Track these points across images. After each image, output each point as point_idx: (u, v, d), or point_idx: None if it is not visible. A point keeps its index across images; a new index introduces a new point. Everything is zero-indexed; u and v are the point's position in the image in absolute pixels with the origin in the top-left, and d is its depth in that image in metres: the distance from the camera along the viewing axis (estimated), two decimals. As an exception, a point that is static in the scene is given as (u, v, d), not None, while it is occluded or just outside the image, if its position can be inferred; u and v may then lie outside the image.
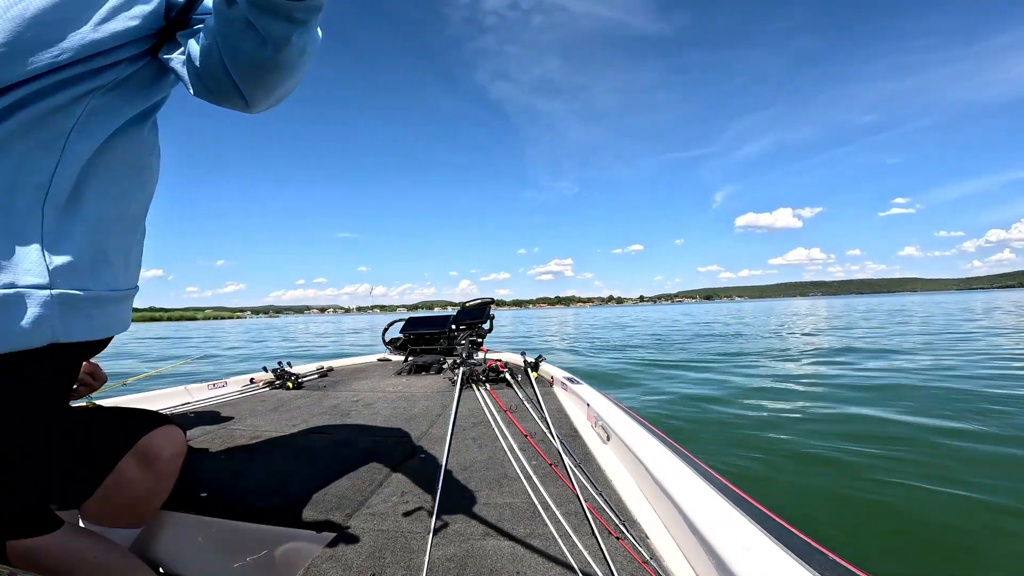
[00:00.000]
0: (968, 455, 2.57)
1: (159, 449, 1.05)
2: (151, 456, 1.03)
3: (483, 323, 4.55)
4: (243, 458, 1.53)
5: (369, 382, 3.03)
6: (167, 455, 1.06)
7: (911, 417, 3.33)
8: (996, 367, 5.30)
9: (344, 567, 0.91)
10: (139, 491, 1.03)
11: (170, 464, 1.07)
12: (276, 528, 1.10)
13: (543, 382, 2.68)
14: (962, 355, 6.37)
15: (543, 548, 0.95)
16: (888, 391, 4.23)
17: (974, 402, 3.67)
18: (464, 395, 2.40)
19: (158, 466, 1.04)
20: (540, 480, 1.27)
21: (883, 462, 2.52)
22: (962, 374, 4.91)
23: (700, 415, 3.77)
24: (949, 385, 4.33)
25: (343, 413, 2.16)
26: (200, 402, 2.45)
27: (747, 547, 0.74)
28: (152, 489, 1.05)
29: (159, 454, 1.04)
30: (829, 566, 0.69)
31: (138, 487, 1.02)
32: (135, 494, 1.02)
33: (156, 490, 1.07)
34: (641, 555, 0.90)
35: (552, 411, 1.99)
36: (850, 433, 3.05)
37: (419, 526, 1.06)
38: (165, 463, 1.05)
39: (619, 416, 1.59)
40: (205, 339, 19.20)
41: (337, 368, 3.76)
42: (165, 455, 1.05)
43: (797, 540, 0.77)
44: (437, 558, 0.93)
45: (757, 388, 4.72)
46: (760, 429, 3.22)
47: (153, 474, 1.04)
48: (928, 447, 2.72)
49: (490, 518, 1.08)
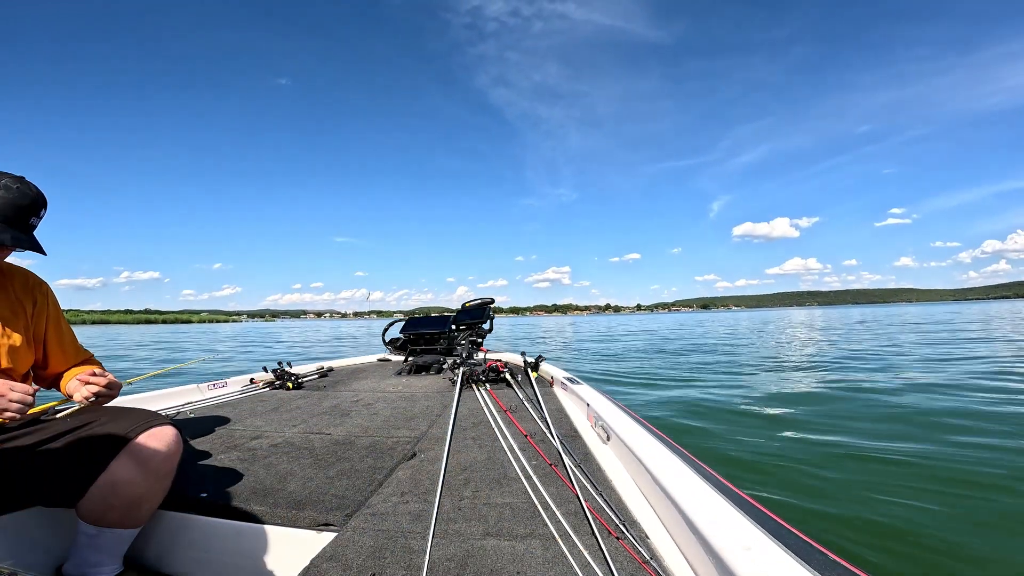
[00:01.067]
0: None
1: (153, 449, 1.04)
2: (145, 456, 1.03)
3: (483, 323, 4.54)
4: (243, 458, 1.53)
5: (369, 382, 3.03)
6: (161, 455, 1.06)
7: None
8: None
9: (344, 567, 0.91)
10: (134, 491, 1.03)
11: (164, 464, 1.07)
12: (276, 528, 1.10)
13: (543, 382, 2.68)
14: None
15: (543, 548, 0.95)
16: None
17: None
18: (464, 395, 2.40)
19: (152, 466, 1.04)
20: (540, 480, 1.27)
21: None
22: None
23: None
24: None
25: (343, 413, 2.16)
26: (200, 402, 2.45)
27: (747, 547, 0.74)
28: (147, 489, 1.05)
29: (153, 454, 1.04)
30: (829, 566, 0.69)
31: (132, 487, 1.02)
32: (130, 494, 1.02)
33: (151, 490, 1.07)
34: (641, 555, 0.90)
35: (552, 411, 1.99)
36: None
37: (419, 526, 1.06)
38: (159, 463, 1.05)
39: (619, 416, 1.59)
40: (199, 346, 18.62)
41: (337, 368, 3.76)
42: (159, 455, 1.05)
43: (797, 540, 0.76)
44: (437, 558, 0.93)
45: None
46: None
47: (147, 474, 1.04)
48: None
49: (490, 518, 1.08)
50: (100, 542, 1.03)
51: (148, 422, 1.08)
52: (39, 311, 1.24)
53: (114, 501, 1.01)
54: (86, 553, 1.03)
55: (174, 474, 1.12)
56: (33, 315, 1.22)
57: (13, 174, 1.08)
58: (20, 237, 1.05)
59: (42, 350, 1.25)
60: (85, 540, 1.03)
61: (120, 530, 1.04)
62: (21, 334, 1.16)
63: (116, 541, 1.05)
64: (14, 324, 1.15)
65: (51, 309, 1.28)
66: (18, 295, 1.20)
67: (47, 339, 1.26)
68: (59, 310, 1.31)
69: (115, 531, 1.04)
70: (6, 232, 1.02)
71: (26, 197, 1.06)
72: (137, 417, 1.09)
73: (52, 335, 1.27)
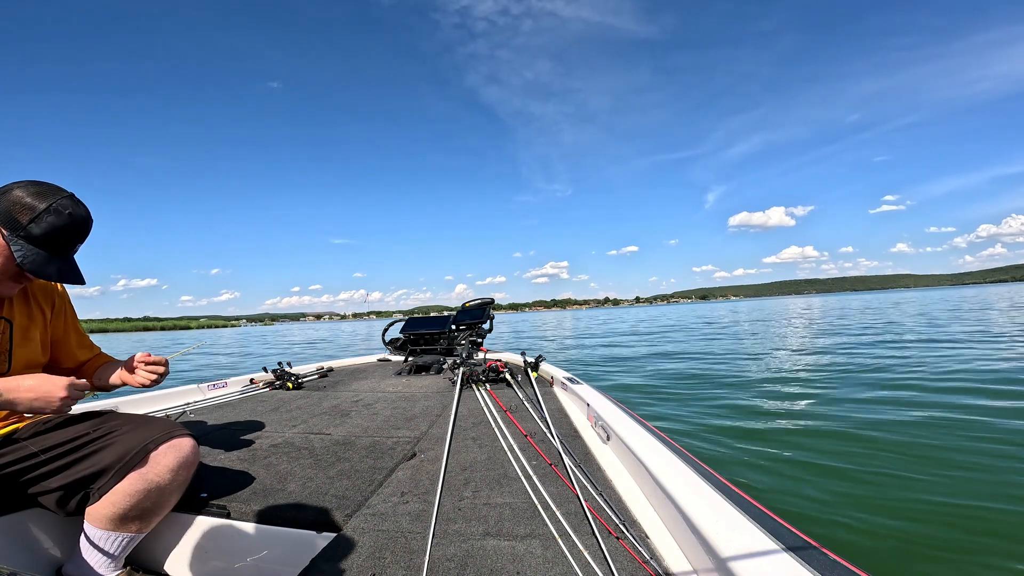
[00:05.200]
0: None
1: (172, 460, 1.05)
2: (163, 467, 1.03)
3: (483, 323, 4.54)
4: (243, 458, 1.53)
5: (369, 382, 3.03)
6: (180, 466, 1.06)
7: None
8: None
9: (344, 567, 0.91)
10: (149, 500, 1.03)
11: (181, 474, 1.07)
12: (276, 528, 1.10)
13: (543, 382, 2.68)
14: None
15: (543, 548, 0.95)
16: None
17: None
18: (464, 395, 2.40)
19: (170, 477, 1.04)
20: (540, 480, 1.27)
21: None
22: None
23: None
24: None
25: (343, 413, 2.16)
26: (200, 402, 2.45)
27: (747, 547, 0.74)
28: (163, 498, 1.06)
29: (172, 465, 1.04)
30: (829, 566, 0.69)
31: (148, 497, 1.02)
32: (145, 503, 1.03)
33: (167, 500, 1.07)
34: (641, 555, 0.90)
35: (552, 411, 1.99)
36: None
37: (419, 526, 1.06)
38: (177, 473, 1.06)
39: (619, 416, 1.59)
40: (198, 351, 17.73)
41: (337, 368, 3.76)
42: (178, 466, 1.06)
43: (797, 540, 0.76)
44: (437, 558, 0.93)
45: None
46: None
47: (164, 484, 1.04)
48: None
49: (490, 518, 1.08)
50: (107, 546, 1.03)
51: (169, 433, 1.08)
52: (57, 314, 1.25)
53: (129, 510, 1.01)
54: (90, 555, 1.03)
55: (188, 483, 1.12)
56: (51, 319, 1.23)
57: (65, 191, 1.01)
58: (64, 270, 1.01)
59: (60, 351, 1.26)
60: (91, 543, 1.03)
61: (128, 535, 1.04)
62: (39, 341, 1.16)
63: (123, 545, 1.05)
64: (32, 332, 1.15)
65: (68, 311, 1.29)
66: (38, 300, 1.19)
67: (65, 340, 1.27)
68: (74, 311, 1.32)
69: (124, 535, 1.04)
70: (51, 264, 0.98)
71: (76, 225, 1.00)
72: (158, 428, 1.08)
73: (71, 337, 1.29)
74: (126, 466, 1.00)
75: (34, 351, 1.14)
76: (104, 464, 1.01)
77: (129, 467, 1.01)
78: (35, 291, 1.19)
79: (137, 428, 1.07)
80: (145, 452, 1.03)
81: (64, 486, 1.00)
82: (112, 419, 1.11)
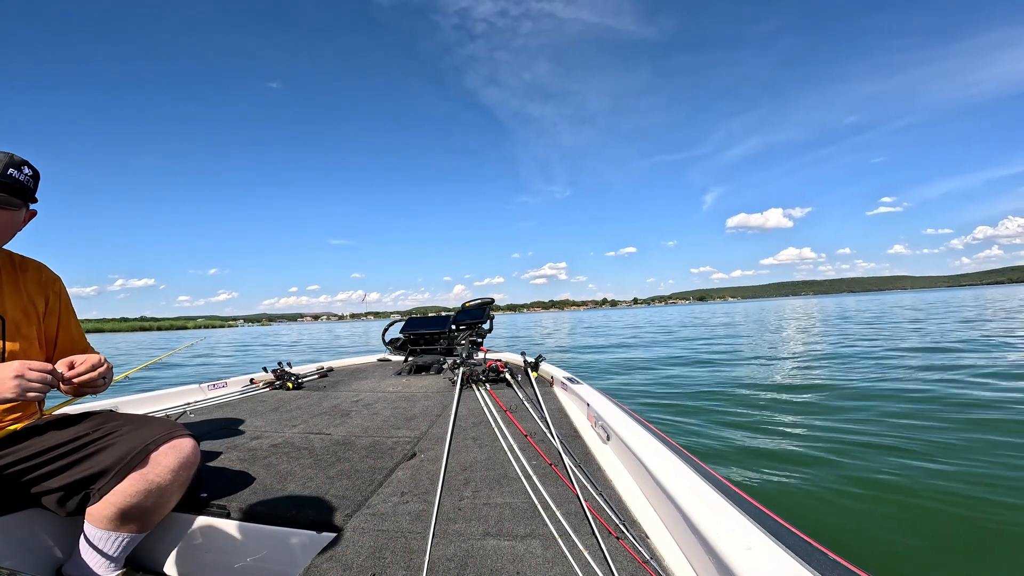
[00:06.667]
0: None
1: (173, 460, 1.05)
2: (164, 467, 1.03)
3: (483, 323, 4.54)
4: (243, 458, 1.53)
5: (369, 382, 3.03)
6: (180, 466, 1.06)
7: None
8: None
9: (344, 567, 0.91)
10: (150, 501, 1.03)
11: (182, 475, 1.07)
12: (276, 528, 1.10)
13: (543, 382, 2.68)
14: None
15: (543, 548, 0.95)
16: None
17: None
18: (464, 395, 2.40)
19: (171, 477, 1.04)
20: (540, 480, 1.27)
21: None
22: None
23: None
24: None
25: (343, 413, 2.16)
26: (201, 402, 2.45)
27: (747, 547, 0.74)
28: (164, 499, 1.06)
29: (173, 465, 1.04)
30: (829, 566, 0.69)
31: (150, 497, 1.02)
32: (146, 503, 1.03)
33: (168, 500, 1.07)
34: (641, 555, 0.90)
35: (552, 411, 1.99)
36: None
37: (419, 526, 1.06)
38: (178, 474, 1.06)
39: (619, 416, 1.59)
40: (194, 351, 17.18)
41: (337, 368, 3.76)
42: (179, 466, 1.05)
43: (797, 540, 0.76)
44: (437, 558, 0.93)
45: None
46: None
47: (166, 485, 1.04)
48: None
49: (490, 518, 1.08)
50: (108, 546, 1.03)
51: (170, 433, 1.07)
52: (51, 311, 1.20)
53: (130, 510, 1.01)
54: (90, 555, 1.03)
55: (189, 483, 1.12)
56: (45, 315, 1.18)
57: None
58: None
59: (52, 350, 1.22)
60: (91, 543, 1.03)
61: (129, 535, 1.05)
62: (32, 338, 1.13)
63: (123, 545, 1.05)
64: (26, 328, 1.12)
65: (63, 309, 1.24)
66: (31, 295, 1.16)
67: (58, 340, 1.23)
68: (71, 309, 1.27)
69: (124, 536, 1.04)
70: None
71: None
72: (158, 428, 1.08)
73: (63, 336, 1.24)
74: (127, 466, 1.00)
75: (28, 348, 1.11)
76: (105, 464, 1.01)
77: (130, 467, 1.01)
78: (29, 285, 1.16)
79: (138, 428, 1.07)
80: (146, 452, 1.03)
81: (65, 486, 1.00)
82: (112, 419, 1.11)
